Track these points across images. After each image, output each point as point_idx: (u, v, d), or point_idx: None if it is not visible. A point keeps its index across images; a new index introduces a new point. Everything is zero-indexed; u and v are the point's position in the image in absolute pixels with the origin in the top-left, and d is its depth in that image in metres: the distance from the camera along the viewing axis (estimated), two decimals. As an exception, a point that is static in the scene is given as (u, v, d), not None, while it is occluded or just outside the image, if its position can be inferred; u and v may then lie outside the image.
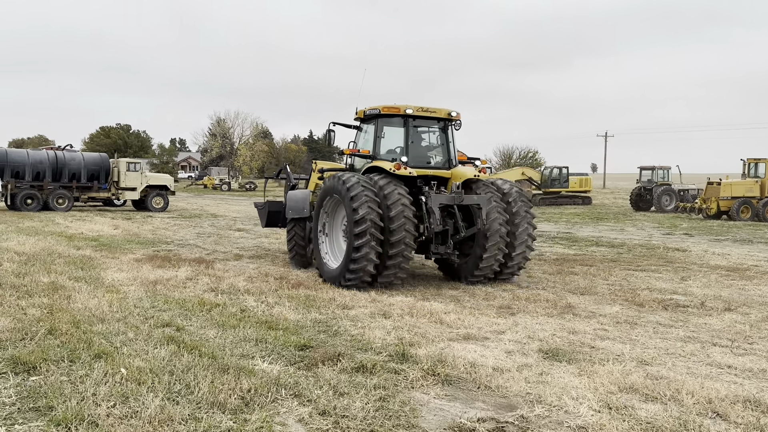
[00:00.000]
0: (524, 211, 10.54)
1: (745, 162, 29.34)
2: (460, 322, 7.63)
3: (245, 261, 13.03)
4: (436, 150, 11.03)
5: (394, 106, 10.56)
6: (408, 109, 10.42)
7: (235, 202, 40.33)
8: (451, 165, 10.86)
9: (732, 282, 11.27)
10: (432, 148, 11.06)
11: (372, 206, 9.32)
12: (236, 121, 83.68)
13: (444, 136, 10.98)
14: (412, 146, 10.62)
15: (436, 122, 10.90)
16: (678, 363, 6.17)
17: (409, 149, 10.56)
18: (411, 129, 10.67)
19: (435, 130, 11.04)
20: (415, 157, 10.58)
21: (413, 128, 10.74)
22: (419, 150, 10.83)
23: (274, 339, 6.46)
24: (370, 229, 9.26)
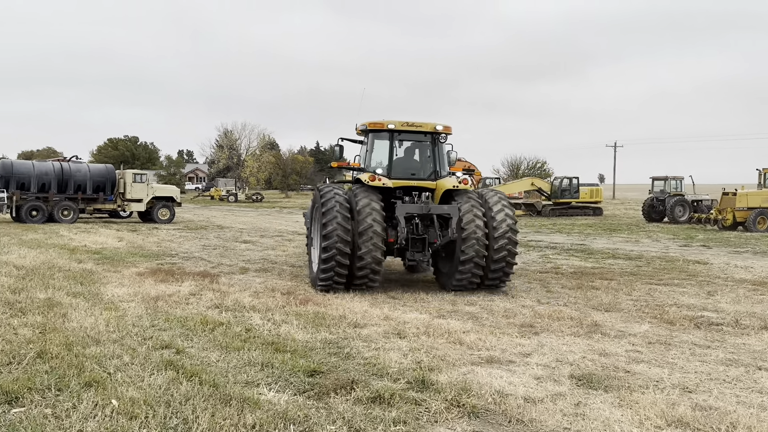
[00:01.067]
0: (504, 221, 10.51)
1: (761, 172, 28.71)
2: (481, 343, 7.09)
3: (251, 274, 12.55)
4: (421, 162, 11.50)
5: (379, 121, 11.14)
6: (390, 125, 11.06)
7: (242, 213, 39.96)
8: (438, 176, 11.19)
9: (762, 297, 10.69)
10: (417, 160, 11.57)
11: (340, 221, 9.89)
12: (243, 133, 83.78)
13: (431, 148, 11.35)
14: (396, 159, 11.23)
15: (423, 135, 11.32)
16: (725, 390, 5.61)
17: (393, 161, 11.14)
18: (395, 142, 11.25)
19: (422, 143, 11.49)
20: (400, 169, 11.15)
21: (398, 142, 11.34)
22: (404, 162, 11.40)
23: (282, 363, 5.94)
24: (336, 244, 9.81)
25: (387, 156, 11.15)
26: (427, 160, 11.39)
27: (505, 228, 10.44)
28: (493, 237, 10.39)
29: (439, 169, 11.25)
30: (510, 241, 10.51)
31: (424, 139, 11.38)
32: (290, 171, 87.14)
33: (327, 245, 9.85)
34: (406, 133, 11.29)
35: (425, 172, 11.32)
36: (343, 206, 10.03)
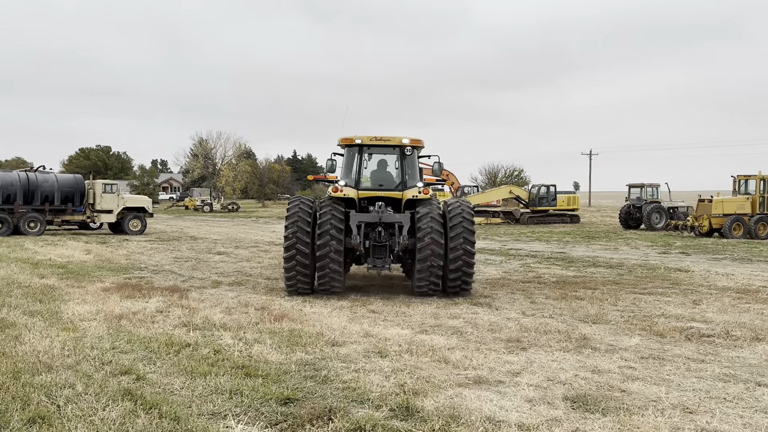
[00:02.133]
0: (461, 229, 10.74)
1: (735, 179, 28.90)
2: (467, 361, 6.68)
3: (224, 288, 12.00)
4: (389, 174, 12.08)
5: (350, 136, 11.71)
6: (357, 140, 11.63)
7: (217, 223, 39.15)
8: (405, 187, 11.67)
9: (748, 306, 10.49)
10: (386, 172, 12.11)
11: (299, 233, 10.67)
12: (218, 142, 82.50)
13: (399, 161, 11.93)
14: (364, 171, 11.89)
15: (391, 149, 11.89)
16: (728, 411, 5.27)
17: (362, 173, 11.79)
18: (364, 156, 11.87)
19: (390, 156, 12.09)
20: (367, 181, 11.85)
21: (368, 155, 11.96)
22: (372, 174, 12.02)
23: (252, 390, 5.43)
24: (296, 244, 10.62)
25: (353, 167, 11.77)
26: (395, 171, 12.02)
27: (461, 240, 10.68)
28: (449, 246, 10.70)
29: (407, 180, 11.72)
30: (465, 251, 10.70)
31: (392, 152, 11.97)
32: (267, 180, 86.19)
33: (287, 252, 10.71)
34: (375, 147, 11.84)
35: (392, 183, 11.89)
36: (304, 217, 10.81)
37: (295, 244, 10.59)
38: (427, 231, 10.61)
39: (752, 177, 27.89)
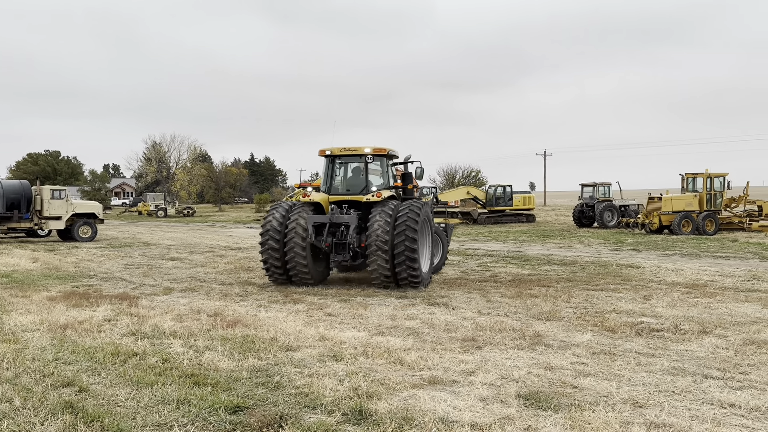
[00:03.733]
0: (404, 227, 11.74)
1: (683, 177, 29.80)
2: (422, 362, 6.65)
3: (176, 295, 11.69)
4: (356, 180, 13.29)
5: (323, 148, 13.14)
6: (328, 151, 13.10)
7: (171, 228, 38.28)
8: (368, 191, 12.85)
9: (696, 300, 10.78)
10: (354, 178, 13.37)
11: (271, 232, 12.32)
12: (173, 145, 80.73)
13: (364, 168, 13.12)
14: (335, 178, 13.29)
15: (358, 158, 13.11)
16: (676, 404, 5.37)
17: (333, 180, 13.22)
18: (336, 165, 13.27)
19: (357, 164, 13.29)
20: (337, 187, 13.23)
21: (338, 164, 13.32)
22: (341, 181, 13.39)
23: (201, 399, 5.27)
24: (267, 249, 12.35)
25: (329, 175, 13.22)
26: (360, 178, 13.19)
27: (403, 237, 11.70)
28: (395, 242, 11.76)
29: (369, 185, 13.00)
30: (407, 248, 11.67)
31: (359, 161, 13.17)
32: (223, 184, 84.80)
33: (262, 248, 12.46)
34: (345, 157, 13.22)
35: (358, 188, 13.07)
36: (277, 218, 12.39)
37: (268, 240, 12.34)
38: (374, 229, 11.85)
39: (699, 175, 28.81)
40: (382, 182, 13.26)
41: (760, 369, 6.44)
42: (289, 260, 12.18)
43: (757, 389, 5.77)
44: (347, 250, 12.29)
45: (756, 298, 10.78)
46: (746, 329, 8.33)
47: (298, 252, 12.08)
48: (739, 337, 7.86)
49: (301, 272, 12.27)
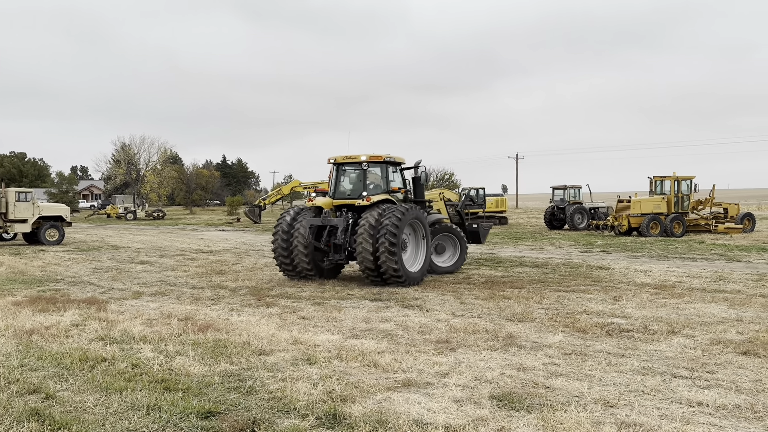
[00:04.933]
0: (384, 231, 12.66)
1: (651, 180, 30.36)
2: (397, 364, 6.64)
3: (146, 299, 11.50)
4: (356, 185, 14.38)
5: (330, 157, 14.36)
6: (331, 159, 14.35)
7: (141, 231, 37.67)
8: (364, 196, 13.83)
9: (664, 301, 10.98)
10: (353, 184, 14.45)
11: (280, 232, 13.85)
12: (142, 147, 79.63)
13: (362, 174, 14.28)
14: (339, 184, 14.36)
15: (357, 165, 14.26)
16: (646, 403, 5.46)
17: (338, 186, 14.35)
18: (340, 171, 14.42)
19: (356, 171, 14.40)
20: (340, 192, 14.30)
21: (342, 171, 14.45)
22: (344, 186, 14.43)
23: (171, 405, 5.18)
24: (276, 248, 13.93)
25: (334, 181, 14.39)
26: (359, 183, 14.30)
27: (383, 240, 12.63)
28: (377, 243, 12.68)
29: (367, 190, 14.09)
30: (386, 249, 12.58)
31: (358, 168, 14.33)
32: (195, 186, 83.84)
33: (273, 245, 14.06)
34: (347, 164, 14.39)
35: (357, 193, 14.13)
36: (287, 220, 13.97)
37: (277, 240, 13.90)
38: (360, 233, 12.83)
39: (667, 178, 29.39)
40: (381, 187, 14.18)
41: (726, 368, 6.59)
42: (294, 257, 13.76)
43: (724, 388, 5.90)
44: (343, 251, 13.44)
45: (722, 299, 11.03)
46: (713, 329, 8.51)
47: (300, 251, 13.64)
48: (707, 337, 8.03)
49: (305, 268, 13.84)
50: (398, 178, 14.75)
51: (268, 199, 48.45)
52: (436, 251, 15.41)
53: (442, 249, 15.62)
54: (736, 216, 30.04)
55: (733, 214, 30.16)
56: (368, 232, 12.73)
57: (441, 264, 15.40)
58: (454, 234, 15.52)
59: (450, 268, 15.42)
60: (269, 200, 48.52)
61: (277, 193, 49.23)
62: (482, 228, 17.19)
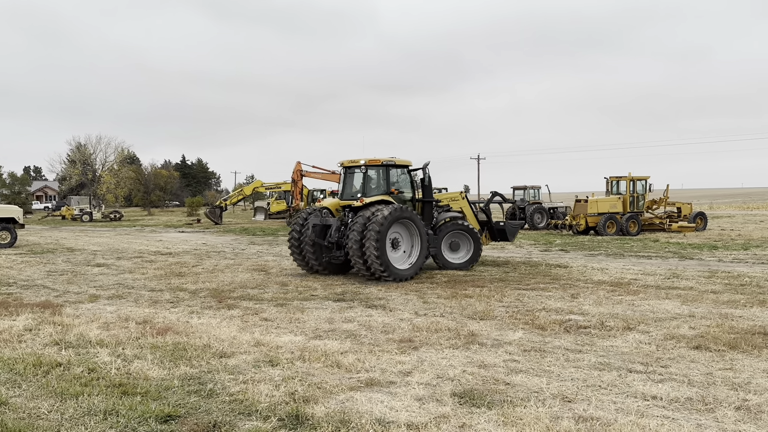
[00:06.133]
0: (370, 233, 13.52)
1: (608, 180, 31.08)
2: (360, 364, 6.65)
3: (102, 302, 11.23)
4: (357, 188, 15.35)
5: (340, 160, 15.72)
6: (339, 163, 15.76)
7: (98, 233, 36.73)
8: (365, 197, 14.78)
9: (620, 298, 11.26)
10: (356, 186, 15.43)
11: (293, 231, 15.16)
12: (98, 147, 77.52)
13: (363, 177, 15.23)
14: (345, 186, 15.54)
15: (358, 168, 15.29)
16: (602, 398, 5.60)
17: (344, 188, 15.53)
18: (347, 174, 15.56)
19: (359, 174, 15.39)
20: (347, 193, 15.41)
21: (349, 174, 15.56)
22: (349, 188, 15.48)
23: (129, 409, 5.08)
24: (291, 245, 15.22)
25: (342, 184, 15.59)
26: (361, 185, 15.21)
27: (368, 239, 13.51)
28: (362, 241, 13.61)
29: (366, 192, 15.06)
30: (372, 246, 13.41)
31: (359, 171, 15.32)
32: (153, 187, 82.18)
33: (288, 243, 15.33)
34: (351, 168, 15.43)
35: (358, 194, 15.11)
36: (298, 221, 15.20)
37: (291, 239, 15.13)
38: (351, 232, 13.78)
39: (623, 178, 30.12)
40: (382, 189, 15.09)
41: (679, 362, 6.80)
42: (305, 254, 14.93)
43: (677, 381, 6.09)
44: (342, 248, 14.27)
45: (676, 295, 11.37)
46: (667, 325, 8.78)
47: (308, 248, 14.79)
48: (661, 333, 8.28)
49: (312, 262, 14.93)
50: (404, 180, 15.70)
51: (230, 200, 47.86)
52: (451, 248, 16.08)
53: (456, 246, 16.16)
54: (689, 215, 30.96)
55: (686, 214, 31.08)
56: (358, 231, 13.64)
57: (453, 261, 15.94)
58: (467, 232, 16.02)
59: (461, 265, 15.89)
60: (230, 201, 47.94)
61: (239, 194, 48.70)
62: (509, 226, 17.82)
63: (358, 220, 13.85)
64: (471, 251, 16.05)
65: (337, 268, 14.98)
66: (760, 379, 6.11)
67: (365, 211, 14.04)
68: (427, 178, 15.60)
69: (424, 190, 15.67)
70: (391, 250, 14.26)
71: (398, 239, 14.46)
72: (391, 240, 14.32)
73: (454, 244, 16.15)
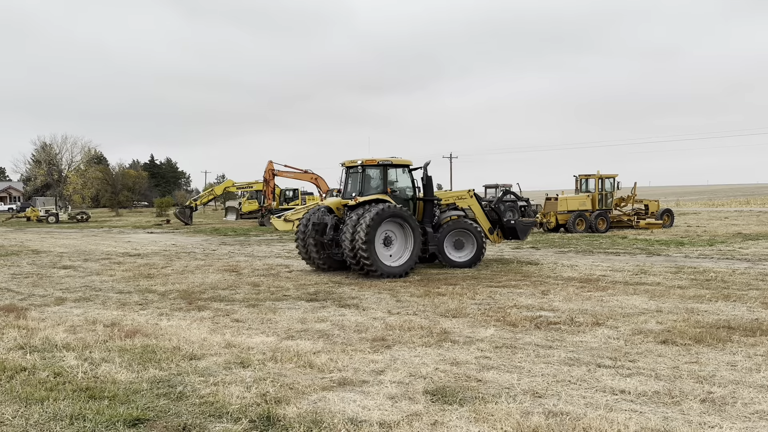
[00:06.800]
0: (359, 231, 14.01)
1: (577, 178, 31.54)
2: (332, 364, 6.63)
3: (69, 305, 10.99)
4: (355, 187, 15.71)
5: (342, 161, 16.13)
6: (341, 163, 16.21)
7: (64, 235, 35.93)
8: (362, 196, 15.16)
9: (590, 294, 11.43)
10: (353, 186, 15.80)
11: (300, 227, 15.76)
12: (64, 146, 75.87)
13: (361, 176, 15.59)
14: (347, 185, 15.99)
15: (358, 168, 15.58)
16: (572, 392, 5.68)
17: (345, 187, 16.02)
18: (348, 174, 15.97)
19: (358, 174, 15.68)
20: (348, 192, 15.85)
21: (350, 173, 15.95)
22: (349, 188, 15.92)
23: (97, 413, 4.98)
24: (297, 243, 15.86)
25: (343, 183, 16.10)
26: (359, 184, 15.54)
27: (356, 237, 14.03)
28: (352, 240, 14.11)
29: (364, 191, 15.42)
30: (361, 241, 13.89)
31: (358, 171, 15.61)
32: (121, 187, 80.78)
33: (295, 241, 16.00)
34: (351, 168, 15.82)
35: (360, 193, 15.39)
36: (305, 220, 15.74)
37: (297, 236, 15.76)
38: (344, 232, 14.36)
39: (592, 176, 30.57)
40: (380, 188, 15.42)
41: (647, 357, 6.93)
42: (310, 252, 15.49)
43: (645, 375, 6.21)
44: (340, 246, 14.75)
45: (643, 291, 11.59)
46: (635, 320, 8.94)
47: (312, 246, 15.40)
48: (629, 328, 8.43)
49: (315, 259, 15.48)
50: (405, 179, 15.92)
51: (200, 200, 47.31)
52: (455, 247, 16.21)
53: (460, 245, 16.26)
54: (656, 212, 31.58)
55: (653, 211, 31.69)
56: (349, 230, 14.19)
57: (457, 259, 16.08)
58: (470, 231, 16.13)
59: (465, 263, 15.99)
60: (200, 201, 47.39)
61: (210, 194, 48.18)
62: (520, 224, 17.93)
63: (350, 219, 14.32)
64: (474, 249, 16.13)
65: (339, 264, 15.31)
66: (725, 372, 6.26)
67: (358, 209, 14.46)
68: (426, 177, 15.87)
69: (425, 189, 15.91)
70: (384, 247, 14.59)
71: (391, 237, 14.73)
72: (384, 238, 14.62)
73: (458, 243, 16.26)
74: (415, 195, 15.98)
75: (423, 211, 15.99)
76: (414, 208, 15.98)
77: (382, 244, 14.56)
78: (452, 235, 16.13)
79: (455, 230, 16.14)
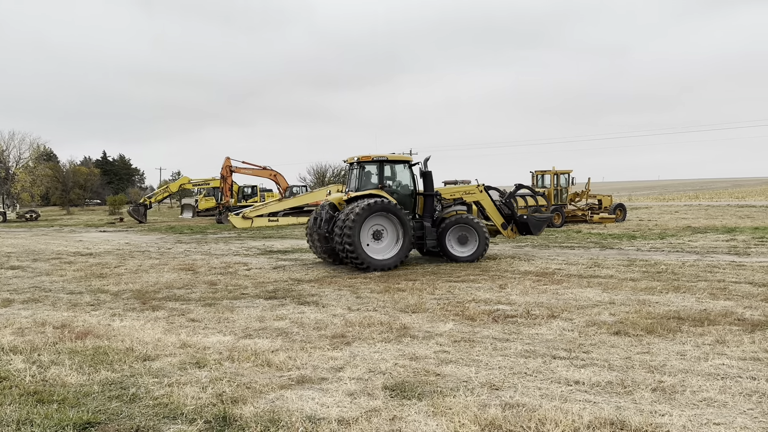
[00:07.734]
0: (343, 226, 14.58)
1: (533, 174, 32.08)
2: (291, 362, 6.57)
3: (16, 307, 10.59)
4: (355, 182, 16.25)
5: (345, 158, 16.95)
6: (344, 159, 17.03)
7: (12, 234, 34.63)
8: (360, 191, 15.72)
9: (545, 287, 11.63)
10: (355, 181, 16.27)
11: (310, 222, 16.45)
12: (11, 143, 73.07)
13: (360, 173, 16.18)
14: (348, 181, 16.66)
15: (358, 164, 16.15)
16: (528, 384, 5.76)
17: (347, 183, 16.75)
18: (350, 170, 16.62)
19: (357, 170, 16.24)
20: (350, 188, 16.31)
21: (351, 170, 16.53)
22: (350, 183, 16.50)
23: (45, 418, 4.80)
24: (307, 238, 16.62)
25: (348, 179, 16.81)
26: (358, 180, 16.11)
27: (343, 231, 14.57)
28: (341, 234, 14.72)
29: (362, 186, 15.95)
30: (346, 236, 14.45)
31: (358, 167, 16.16)
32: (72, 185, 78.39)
33: (306, 234, 16.77)
34: (353, 164, 16.34)
35: (357, 188, 15.94)
36: (314, 215, 16.37)
37: (307, 231, 16.52)
38: (339, 223, 14.77)
39: (547, 172, 31.14)
40: (376, 183, 15.88)
41: (600, 348, 7.10)
42: (316, 244, 16.14)
43: (598, 366, 6.35)
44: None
45: (597, 284, 11.86)
46: (588, 312, 9.14)
47: (316, 239, 16.04)
48: (583, 320, 8.61)
49: (317, 246, 16.14)
50: (405, 175, 16.32)
51: (155, 197, 46.30)
52: (459, 242, 16.38)
53: (464, 240, 16.39)
54: (609, 207, 32.39)
55: (606, 205, 32.49)
56: (339, 223, 14.74)
57: (460, 254, 16.21)
58: (472, 226, 16.27)
59: (468, 258, 16.12)
60: (155, 198, 46.38)
61: (165, 191, 47.20)
62: (532, 219, 17.93)
63: (342, 213, 14.86)
64: (477, 245, 16.27)
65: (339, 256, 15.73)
66: (675, 362, 6.46)
67: (351, 204, 14.98)
68: (422, 172, 16.30)
69: (424, 184, 16.24)
70: (374, 241, 15.03)
71: (381, 231, 15.10)
72: (373, 232, 15.02)
73: (462, 238, 16.38)
74: (415, 190, 16.27)
75: (423, 206, 16.34)
76: (414, 203, 16.32)
77: (372, 237, 14.97)
78: (455, 230, 16.26)
79: (458, 225, 16.26)
